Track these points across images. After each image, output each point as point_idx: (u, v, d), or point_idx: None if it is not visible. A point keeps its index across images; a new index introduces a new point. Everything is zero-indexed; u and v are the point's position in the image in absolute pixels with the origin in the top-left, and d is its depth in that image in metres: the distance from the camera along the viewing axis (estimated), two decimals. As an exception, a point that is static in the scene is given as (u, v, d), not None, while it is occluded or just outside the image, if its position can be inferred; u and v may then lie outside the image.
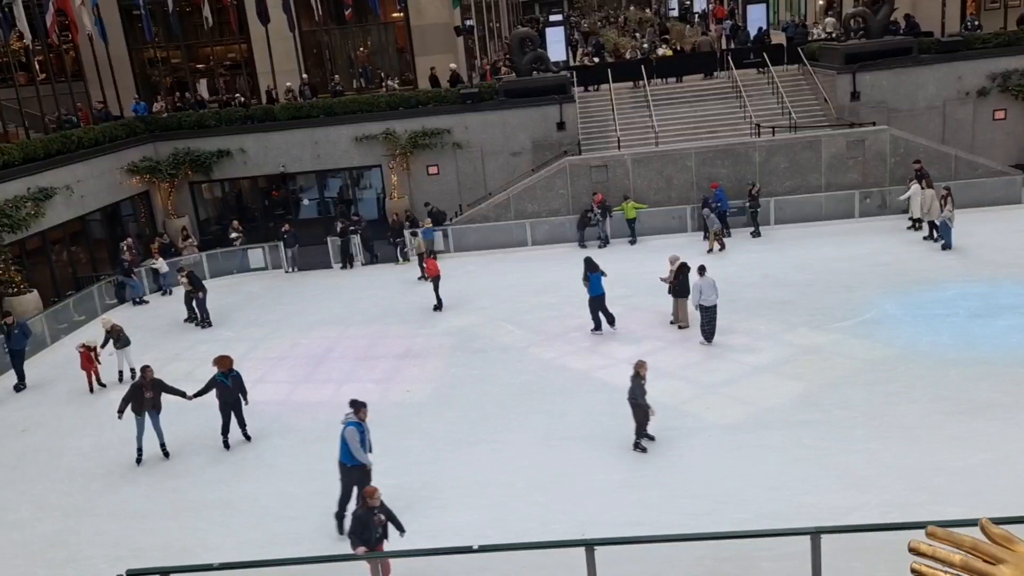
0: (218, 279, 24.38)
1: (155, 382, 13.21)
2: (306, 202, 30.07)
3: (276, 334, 19.34)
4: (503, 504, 11.06)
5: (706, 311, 15.99)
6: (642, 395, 11.91)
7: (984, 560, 1.33)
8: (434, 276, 19.84)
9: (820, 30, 32.40)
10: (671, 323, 17.19)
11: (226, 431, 13.44)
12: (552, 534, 9.94)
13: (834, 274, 19.33)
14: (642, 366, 12.02)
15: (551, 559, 8.78)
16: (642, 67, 29.75)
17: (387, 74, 32.10)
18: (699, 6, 52.18)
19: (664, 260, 17.29)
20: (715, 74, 30.37)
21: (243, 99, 30.17)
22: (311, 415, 14.69)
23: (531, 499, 11.15)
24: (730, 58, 29.38)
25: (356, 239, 24.77)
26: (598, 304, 17.16)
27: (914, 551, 1.36)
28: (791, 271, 19.92)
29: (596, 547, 7.73)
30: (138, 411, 13.06)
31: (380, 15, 31.80)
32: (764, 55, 29.00)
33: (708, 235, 22.47)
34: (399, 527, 9.32)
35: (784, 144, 24.82)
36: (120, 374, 16.94)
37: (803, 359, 15.04)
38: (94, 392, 16.50)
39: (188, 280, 20.17)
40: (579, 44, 42.25)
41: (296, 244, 24.74)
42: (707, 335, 16.10)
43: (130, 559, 9.87)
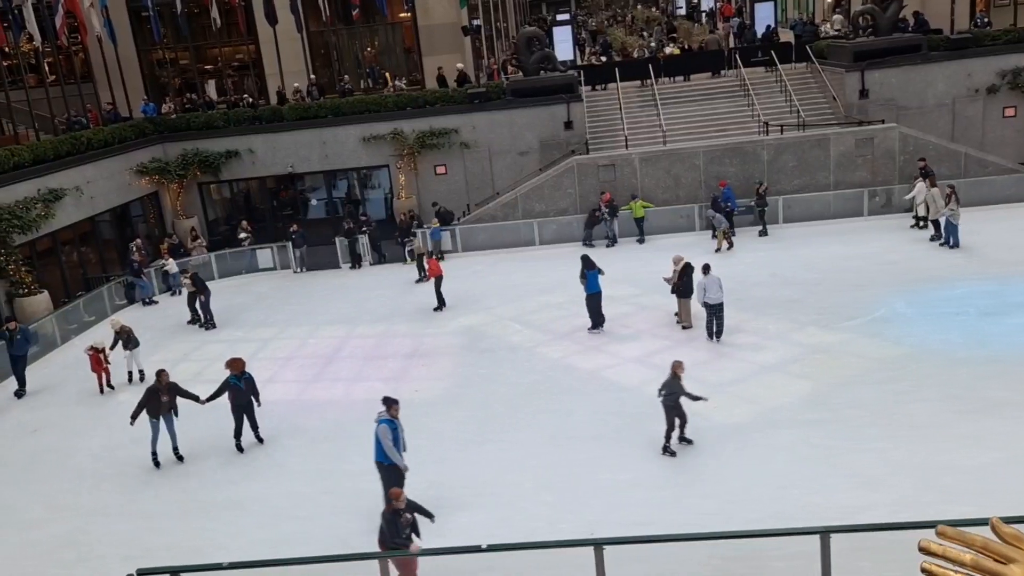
0: (227, 279, 24.48)
1: (171, 386, 13.13)
2: (314, 202, 30.13)
3: (285, 334, 19.39)
4: (511, 503, 11.06)
5: (711, 309, 15.98)
6: (679, 395, 11.70)
7: (995, 559, 1.32)
8: (436, 276, 19.81)
9: (829, 28, 32.24)
10: (677, 322, 17.17)
11: (239, 434, 13.39)
12: (560, 534, 9.94)
13: (843, 273, 19.26)
14: (679, 366, 11.80)
15: (560, 559, 8.78)
16: (649, 66, 29.71)
17: (394, 74, 32.12)
18: (707, 4, 52.12)
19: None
20: (723, 72, 30.30)
21: (251, 100, 30.24)
22: (320, 415, 14.73)
23: (539, 499, 11.16)
24: (738, 56, 29.29)
25: (364, 239, 24.83)
26: (595, 302, 17.19)
27: (924, 550, 1.36)
28: (799, 270, 19.86)
29: (605, 547, 7.73)
30: (154, 415, 12.98)
31: (387, 15, 31.80)
32: (772, 53, 28.92)
33: (716, 234, 22.43)
34: (428, 515, 9.42)
35: (792, 142, 24.74)
36: (129, 375, 17.00)
37: (812, 358, 14.99)
38: (104, 394, 16.56)
39: (191, 282, 20.21)
40: (586, 43, 42.22)
41: (304, 244, 24.80)
42: (713, 333, 16.10)
43: (140, 559, 9.91)
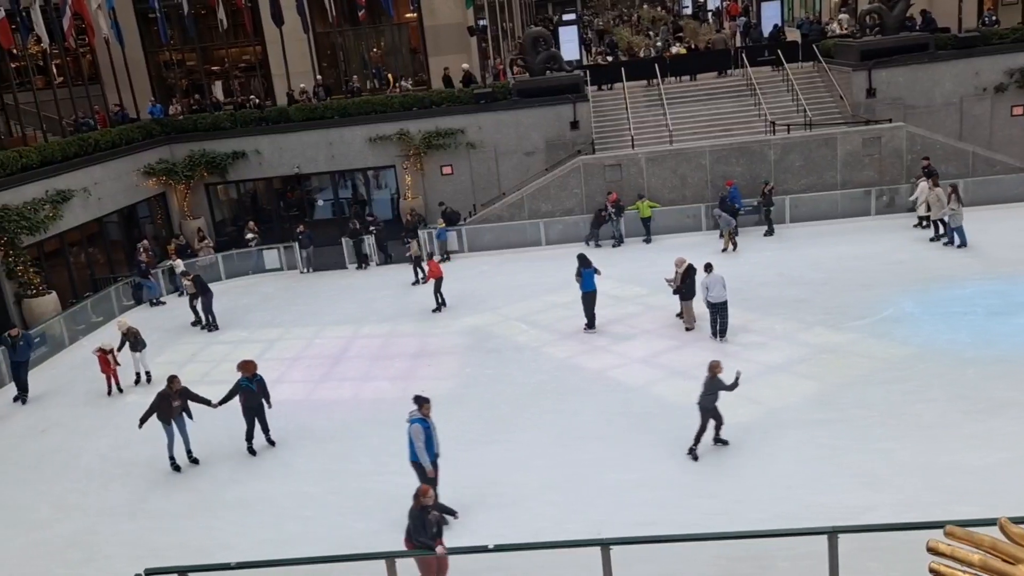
0: (234, 280, 24.55)
1: (182, 391, 13.01)
2: (321, 203, 30.19)
3: (291, 334, 19.42)
4: (517, 503, 11.06)
5: (714, 307, 15.97)
6: (717, 395, 11.56)
7: (1003, 560, 1.32)
8: (436, 278, 19.80)
9: (836, 27, 32.16)
10: (685, 327, 17.02)
11: (250, 437, 13.30)
12: (567, 534, 9.92)
13: (850, 272, 19.20)
14: (717, 366, 11.66)
15: (566, 559, 8.78)
16: (656, 66, 29.67)
17: (398, 75, 32.15)
18: (713, 3, 52.05)
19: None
20: (729, 72, 30.25)
21: (258, 101, 30.31)
22: (327, 415, 14.76)
23: (545, 498, 11.15)
24: (744, 56, 29.24)
25: (370, 239, 24.86)
26: (590, 301, 17.23)
27: (932, 551, 1.35)
28: (806, 269, 19.81)
29: (611, 547, 7.73)
30: (165, 421, 12.86)
31: (393, 16, 31.85)
32: (779, 52, 28.86)
33: (723, 234, 22.38)
34: (451, 513, 9.47)
35: (799, 142, 24.69)
36: (137, 376, 17.00)
37: (819, 358, 14.95)
38: (112, 395, 16.56)
39: (193, 284, 20.24)
40: (592, 43, 42.19)
41: (311, 245, 24.84)
42: (717, 332, 16.09)
43: (148, 558, 9.94)
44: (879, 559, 8.18)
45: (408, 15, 33.02)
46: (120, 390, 16.69)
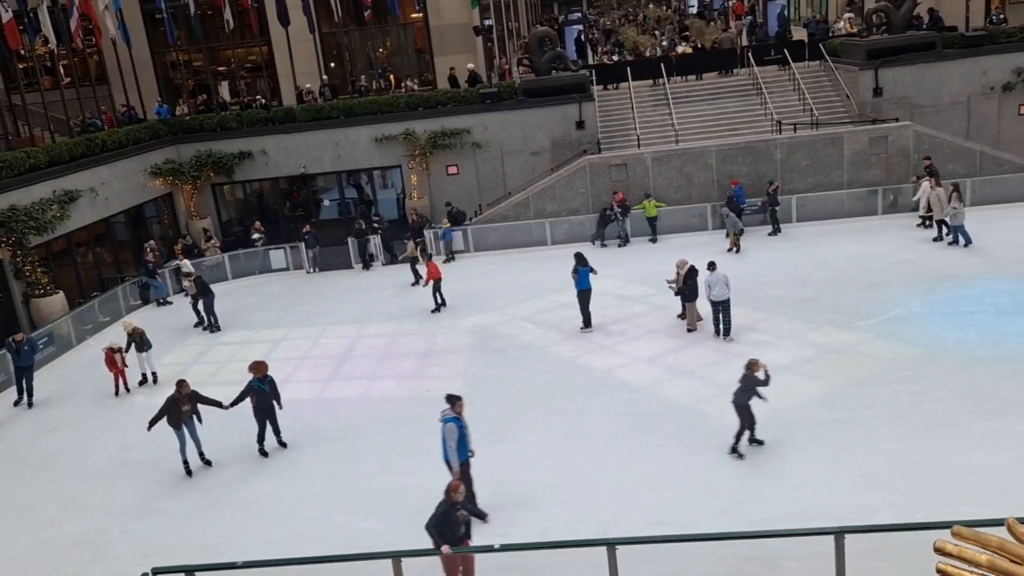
0: (240, 280, 24.61)
1: (191, 395, 12.93)
2: (327, 203, 30.23)
3: (298, 334, 19.46)
4: (524, 503, 11.06)
5: (717, 306, 15.98)
6: (753, 393, 11.46)
7: (1011, 560, 1.31)
8: (435, 279, 19.77)
9: (843, 25, 32.04)
10: (688, 328, 16.92)
11: (262, 439, 13.27)
12: (573, 533, 9.93)
13: (857, 272, 19.15)
14: (755, 363, 11.55)
15: (572, 558, 8.78)
16: (662, 65, 29.62)
17: (400, 75, 32.17)
18: (719, 2, 51.96)
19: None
20: (735, 71, 30.19)
21: (264, 101, 30.37)
22: (334, 415, 14.78)
23: (552, 498, 11.15)
24: (750, 55, 29.18)
25: (376, 239, 24.88)
26: (585, 299, 17.32)
27: (940, 551, 1.35)
28: (813, 269, 19.76)
29: (618, 546, 7.73)
30: (175, 425, 12.76)
31: (399, 16, 31.86)
32: (785, 51, 28.79)
33: (729, 233, 22.33)
34: (481, 516, 9.59)
35: (806, 141, 24.62)
36: (143, 377, 17.02)
37: (827, 358, 14.91)
38: (119, 395, 16.58)
39: (194, 284, 20.25)
40: (599, 43, 42.14)
41: (317, 245, 24.89)
42: (720, 331, 16.09)
43: (155, 557, 9.98)
44: (886, 559, 8.16)
45: (414, 15, 33.04)
46: (128, 389, 16.74)
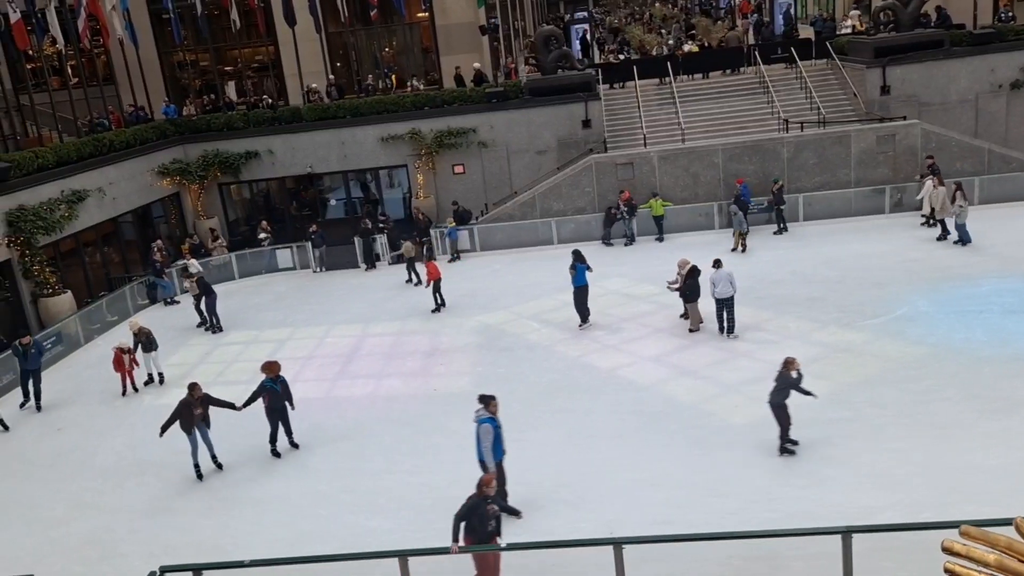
0: (247, 279, 24.68)
1: (203, 398, 12.79)
2: (333, 202, 30.27)
3: (304, 333, 19.49)
4: (530, 502, 11.05)
5: (720, 304, 16.01)
6: (788, 392, 11.32)
7: (1019, 559, 1.31)
8: (435, 279, 19.76)
9: (851, 23, 31.92)
10: (689, 330, 16.84)
11: (274, 439, 13.21)
12: (579, 533, 9.92)
13: (864, 271, 19.09)
14: (792, 362, 11.42)
15: (579, 558, 8.78)
16: (668, 63, 29.58)
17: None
18: (725, 0, 51.84)
19: (694, 257, 17.17)
20: (742, 70, 30.13)
21: (271, 101, 30.43)
22: (340, 413, 14.81)
23: (558, 497, 11.15)
24: (757, 53, 29.12)
25: (382, 238, 24.90)
26: (581, 296, 17.42)
27: (948, 551, 1.35)
28: (820, 268, 19.72)
29: (624, 546, 7.72)
30: (187, 429, 12.61)
31: (405, 15, 31.90)
32: (792, 50, 28.72)
33: (736, 232, 22.27)
34: (515, 513, 9.64)
35: (813, 139, 24.56)
36: (149, 377, 17.04)
37: (833, 357, 14.87)
38: (126, 395, 16.60)
39: (196, 285, 20.25)
40: (606, 41, 42.08)
41: (323, 244, 24.93)
42: (724, 329, 16.12)
43: (163, 556, 10.02)
44: (893, 559, 8.13)
45: (420, 14, 33.05)
46: (136, 389, 16.77)
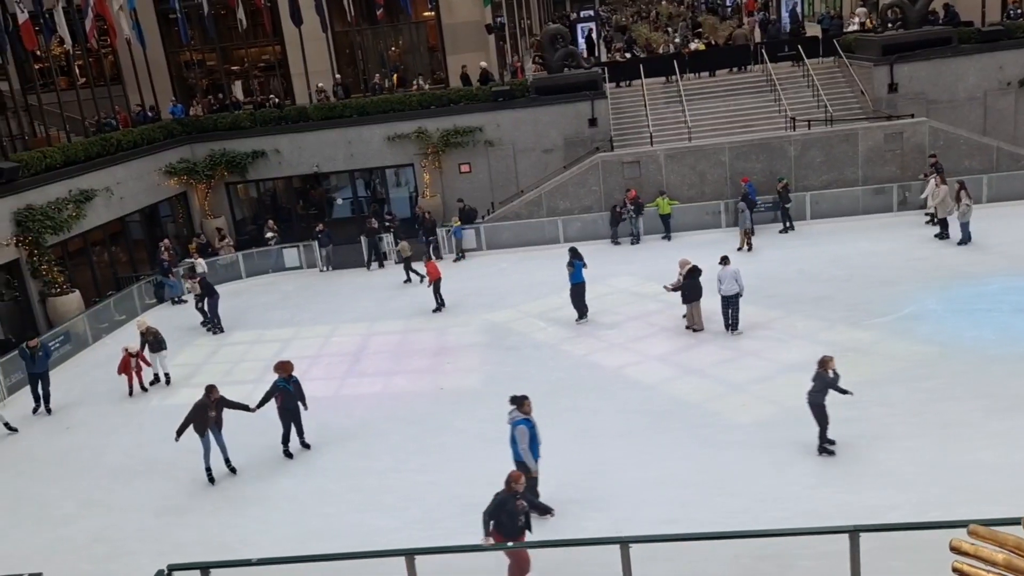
0: (254, 278, 24.76)
1: (219, 400, 12.67)
2: (339, 201, 30.31)
3: (311, 332, 19.53)
4: (537, 501, 11.05)
5: (725, 301, 16.09)
6: (826, 392, 11.21)
7: (1028, 559, 1.30)
8: (435, 279, 19.74)
9: (857, 20, 31.80)
10: (686, 326, 16.81)
11: (287, 439, 13.18)
12: (586, 531, 9.92)
13: (872, 269, 19.03)
14: (829, 361, 11.31)
15: (585, 556, 8.77)
16: (674, 62, 29.51)
17: (419, 72, 32.19)
18: (731, -1, 51.74)
19: (701, 256, 17.15)
20: (749, 68, 30.04)
21: (277, 100, 30.48)
22: (347, 412, 14.83)
23: (565, 496, 11.14)
24: (764, 51, 29.03)
25: (388, 238, 24.92)
26: (578, 292, 17.60)
27: (956, 550, 1.34)
28: (827, 266, 19.66)
29: (631, 545, 7.71)
30: (202, 431, 12.50)
31: (411, 14, 31.93)
32: (799, 48, 28.63)
33: (742, 230, 22.22)
34: (547, 511, 9.72)
35: (820, 137, 24.49)
36: (155, 377, 17.06)
37: (841, 356, 14.66)
38: (133, 395, 16.61)
39: (199, 285, 20.28)
40: (612, 40, 42.03)
41: (330, 243, 24.98)
42: (728, 325, 16.19)
43: (171, 554, 10.02)
44: (901, 558, 8.10)
45: (426, 13, 33.05)
46: (144, 389, 16.81)
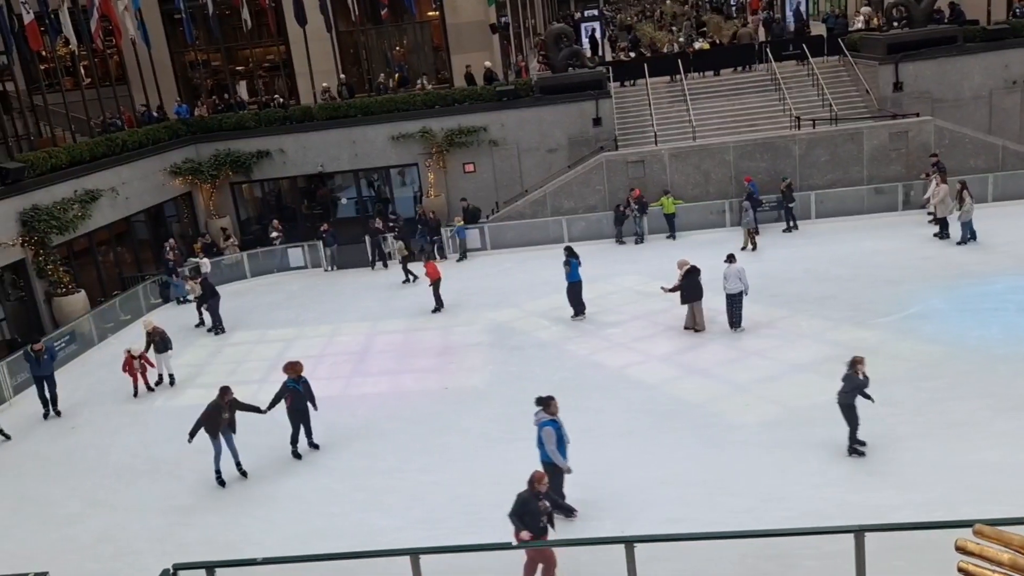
0: (259, 278, 24.80)
1: (232, 402, 12.55)
2: (344, 201, 30.34)
3: (316, 332, 19.55)
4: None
5: (728, 298, 16.15)
6: (856, 393, 11.12)
7: (1034, 559, 1.30)
8: (435, 279, 19.74)
9: (862, 19, 31.73)
10: (685, 328, 16.72)
11: (296, 440, 13.15)
12: (591, 531, 9.92)
13: (877, 268, 18.99)
14: (860, 361, 11.22)
15: (590, 556, 8.78)
16: (679, 61, 29.47)
17: (423, 72, 32.21)
18: (736, -2, 51.68)
19: (705, 255, 17.13)
20: (753, 67, 29.99)
21: (282, 100, 30.52)
22: (352, 412, 14.84)
23: (570, 496, 11.11)
24: (768, 50, 28.98)
25: (392, 237, 24.93)
26: (575, 291, 17.78)
27: (961, 550, 1.34)
28: (832, 265, 19.62)
29: (636, 544, 7.71)
30: (213, 433, 12.38)
31: (416, 14, 31.95)
32: (803, 47, 28.58)
33: (746, 230, 22.19)
34: (570, 511, 9.82)
35: (825, 137, 24.44)
36: (159, 378, 17.07)
37: (846, 355, 14.72)
38: (139, 396, 16.62)
39: (199, 286, 20.29)
40: (617, 39, 42.01)
41: (335, 243, 25.01)
42: (731, 322, 16.24)
43: (177, 553, 10.06)
44: (906, 558, 8.09)
45: (430, 13, 33.08)
46: (150, 389, 16.84)
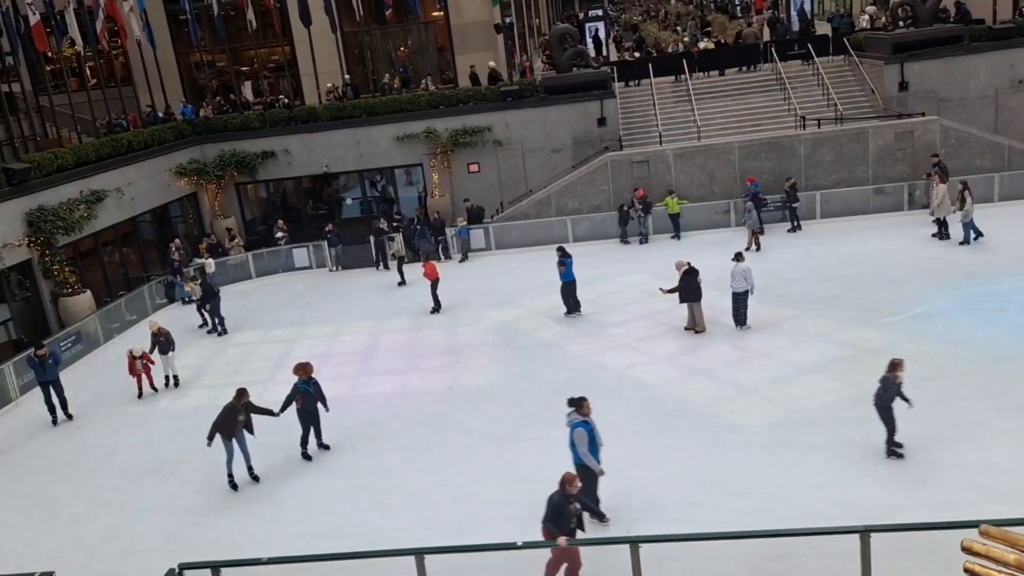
0: (264, 278, 24.84)
1: (247, 404, 12.46)
2: (349, 201, 30.37)
3: (320, 332, 19.58)
4: (545, 501, 11.03)
5: (733, 297, 16.21)
6: (893, 396, 10.95)
7: (1040, 560, 1.29)
8: (433, 280, 19.73)
9: (867, 19, 31.65)
10: (685, 329, 16.71)
11: (306, 442, 13.13)
12: (596, 531, 9.91)
13: (882, 268, 18.95)
14: (899, 364, 11.02)
15: (595, 556, 8.76)
16: (683, 61, 29.44)
17: (427, 72, 32.24)
18: (741, -3, 51.62)
19: (709, 255, 17.11)
20: (758, 66, 29.94)
21: (287, 100, 30.56)
22: (356, 412, 14.85)
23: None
24: (773, 50, 28.94)
25: (398, 237, 24.92)
26: (570, 289, 18.03)
27: (967, 550, 1.33)
28: (838, 265, 19.59)
29: (640, 544, 7.70)
30: (228, 436, 12.30)
31: (420, 15, 31.98)
32: (808, 46, 28.53)
33: (750, 230, 22.15)
34: (601, 517, 9.88)
35: (830, 136, 24.39)
36: (165, 379, 17.10)
37: (851, 356, 14.76)
38: (143, 397, 16.65)
39: (200, 287, 20.29)
40: (622, 39, 41.99)
41: (339, 243, 25.04)
42: (736, 320, 16.30)
43: (181, 553, 10.07)
44: (912, 559, 8.06)
45: (435, 13, 33.12)
46: (155, 389, 16.87)
